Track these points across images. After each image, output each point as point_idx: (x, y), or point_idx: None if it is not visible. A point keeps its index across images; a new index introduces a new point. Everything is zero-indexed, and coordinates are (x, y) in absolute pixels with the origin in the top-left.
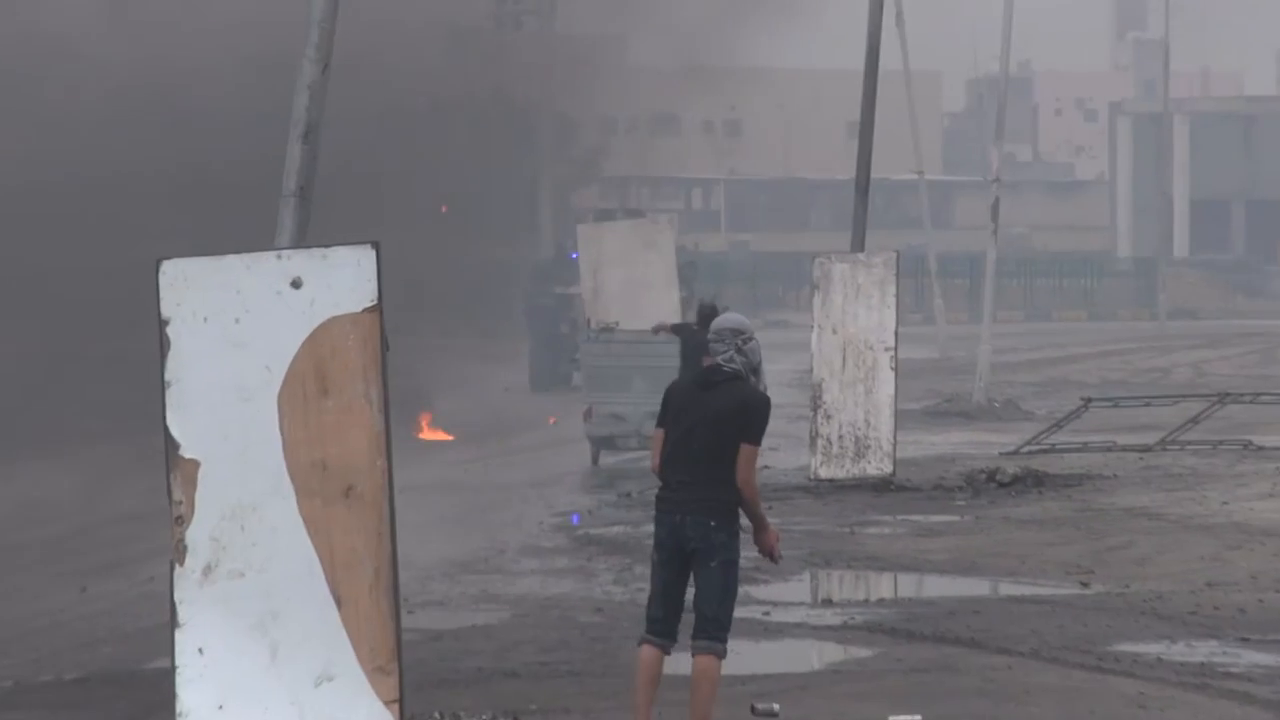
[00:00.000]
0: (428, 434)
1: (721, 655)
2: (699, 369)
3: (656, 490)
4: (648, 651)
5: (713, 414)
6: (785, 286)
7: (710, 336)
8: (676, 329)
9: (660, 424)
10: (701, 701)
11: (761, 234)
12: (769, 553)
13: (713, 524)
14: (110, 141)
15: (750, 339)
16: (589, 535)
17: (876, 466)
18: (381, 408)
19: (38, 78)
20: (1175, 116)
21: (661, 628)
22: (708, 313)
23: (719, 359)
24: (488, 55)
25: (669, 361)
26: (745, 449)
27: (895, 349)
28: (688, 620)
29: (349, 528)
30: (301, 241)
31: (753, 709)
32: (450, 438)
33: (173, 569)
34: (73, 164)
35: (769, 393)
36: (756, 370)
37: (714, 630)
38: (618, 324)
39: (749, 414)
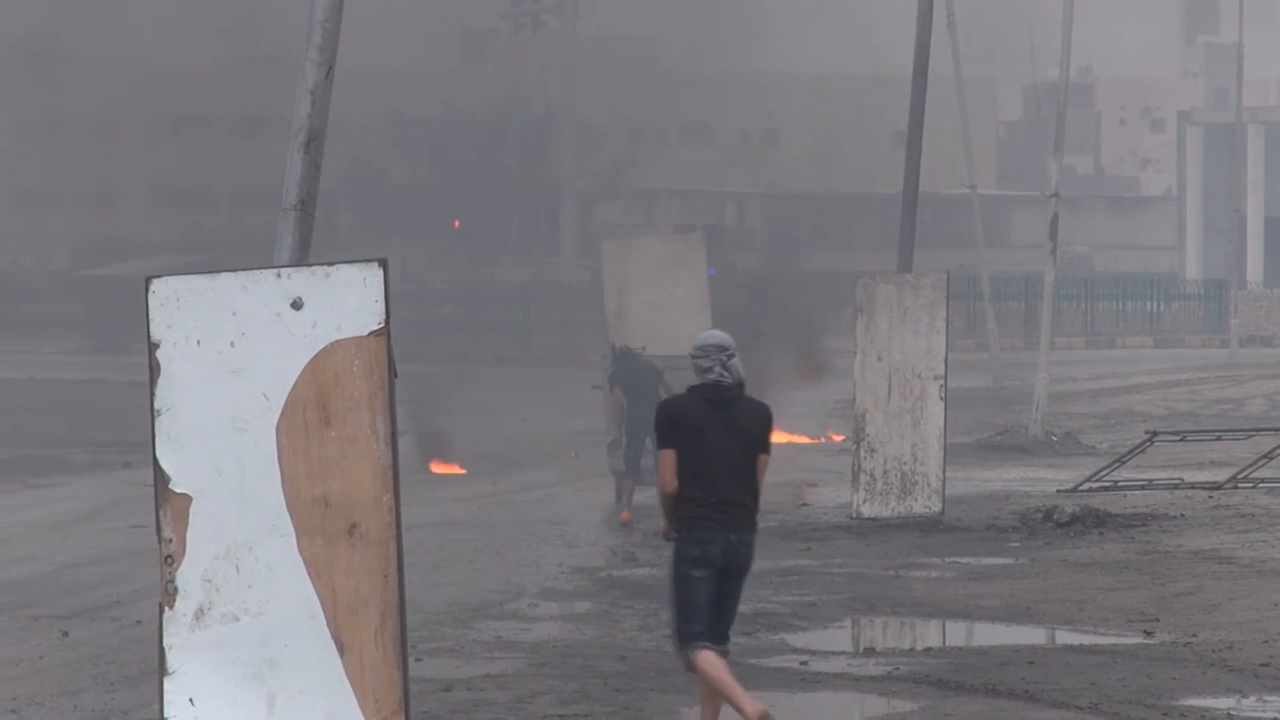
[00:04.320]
0: (439, 467)
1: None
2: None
3: (691, 510)
4: (712, 655)
5: (741, 430)
6: (826, 309)
7: (695, 353)
8: (620, 357)
9: (669, 444)
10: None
11: (801, 252)
12: None
13: (754, 539)
14: (106, 148)
15: (734, 355)
16: (612, 578)
17: (924, 504)
18: (388, 439)
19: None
20: (1249, 127)
21: (714, 636)
22: (623, 351)
23: (709, 376)
24: (504, 57)
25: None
26: (763, 460)
27: (945, 377)
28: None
29: (352, 569)
30: (303, 259)
31: None
32: (462, 471)
33: (162, 612)
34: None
35: None
36: (742, 385)
37: (729, 628)
38: (644, 348)
39: (767, 426)
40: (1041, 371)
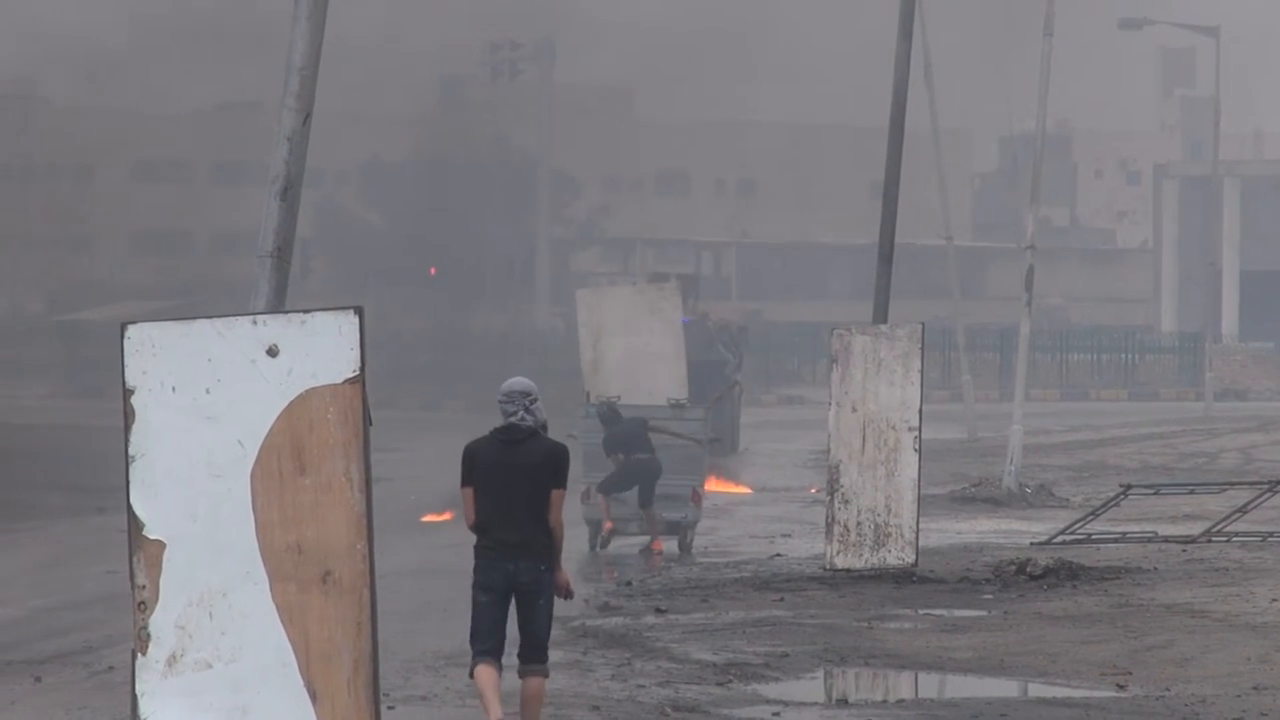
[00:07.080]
0: (429, 516)
1: (546, 675)
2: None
3: (479, 541)
4: (487, 671)
5: (525, 466)
6: (801, 359)
7: (500, 399)
8: (602, 415)
9: (468, 482)
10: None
11: (776, 302)
12: (561, 590)
13: (542, 567)
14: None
15: (536, 400)
16: (585, 627)
17: (897, 556)
18: (362, 487)
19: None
20: (1225, 180)
21: (495, 651)
22: (605, 412)
23: (512, 419)
24: (481, 106)
25: (675, 440)
26: (556, 494)
27: (919, 429)
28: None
29: (326, 616)
30: (279, 305)
31: None
32: (449, 517)
33: (134, 658)
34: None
35: None
36: (544, 427)
37: (540, 655)
38: (619, 398)
39: (557, 463)
40: (1016, 423)
